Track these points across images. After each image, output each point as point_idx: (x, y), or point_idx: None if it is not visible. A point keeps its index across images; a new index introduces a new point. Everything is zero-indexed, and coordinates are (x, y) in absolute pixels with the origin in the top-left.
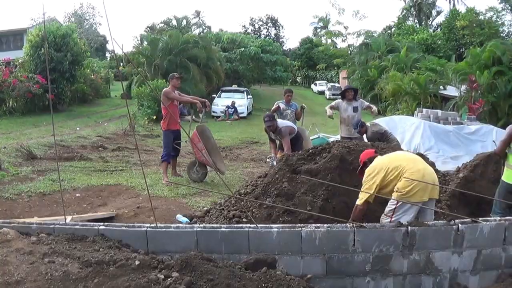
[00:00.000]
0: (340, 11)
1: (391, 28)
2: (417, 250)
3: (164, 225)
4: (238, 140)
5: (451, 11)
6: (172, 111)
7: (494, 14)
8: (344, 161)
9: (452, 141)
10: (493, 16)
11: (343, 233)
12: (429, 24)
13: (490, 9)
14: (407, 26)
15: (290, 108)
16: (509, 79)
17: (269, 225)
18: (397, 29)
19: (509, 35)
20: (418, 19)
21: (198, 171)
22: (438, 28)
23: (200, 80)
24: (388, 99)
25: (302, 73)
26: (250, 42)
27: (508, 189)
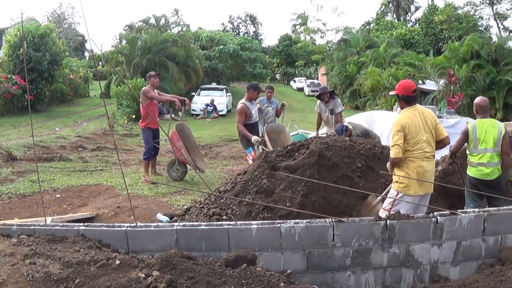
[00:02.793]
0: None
1: (369, 24)
2: (397, 243)
3: (144, 224)
4: (217, 138)
5: (430, 6)
6: (151, 110)
7: (472, 8)
8: (322, 156)
9: None
10: (471, 10)
11: (322, 228)
12: (408, 19)
13: (468, 3)
14: (386, 21)
15: (271, 105)
16: (488, 72)
17: (249, 222)
18: (375, 25)
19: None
20: (397, 15)
21: (177, 169)
22: (416, 23)
23: (179, 78)
24: (367, 94)
25: (281, 70)
26: (229, 40)
27: (471, 181)
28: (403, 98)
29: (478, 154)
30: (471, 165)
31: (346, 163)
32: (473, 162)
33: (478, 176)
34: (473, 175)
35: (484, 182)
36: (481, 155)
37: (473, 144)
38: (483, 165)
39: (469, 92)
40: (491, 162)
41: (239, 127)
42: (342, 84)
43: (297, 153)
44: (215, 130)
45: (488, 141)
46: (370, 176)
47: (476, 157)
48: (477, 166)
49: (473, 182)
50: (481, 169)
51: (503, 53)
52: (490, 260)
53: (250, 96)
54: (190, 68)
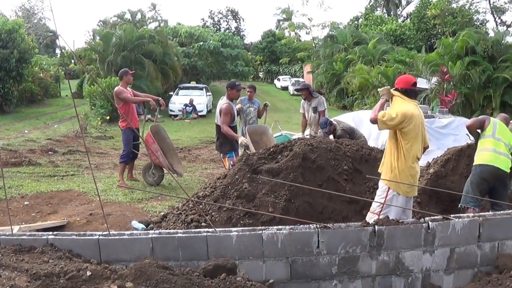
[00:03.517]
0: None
1: (358, 19)
2: (386, 250)
3: (117, 232)
4: (197, 140)
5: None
6: (128, 110)
7: (468, 2)
8: (306, 159)
9: None
10: (466, 4)
11: (307, 235)
12: (398, 14)
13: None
14: (375, 16)
15: (253, 105)
16: (484, 69)
17: (229, 229)
18: (364, 20)
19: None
20: (387, 9)
21: (154, 174)
22: (407, 18)
23: (156, 77)
24: (355, 93)
25: (264, 68)
26: (209, 36)
27: (481, 174)
28: (403, 91)
29: (495, 140)
30: (486, 150)
31: (332, 165)
32: (488, 147)
33: (492, 163)
34: (487, 162)
35: (497, 173)
36: (498, 142)
37: (492, 130)
38: (499, 153)
39: (464, 91)
40: (506, 153)
41: (224, 127)
42: (329, 82)
43: (280, 155)
44: (194, 131)
45: (506, 137)
46: (357, 179)
47: (492, 142)
48: (493, 151)
49: (484, 175)
50: (497, 156)
51: (501, 49)
52: (487, 268)
53: (231, 96)
54: (168, 66)
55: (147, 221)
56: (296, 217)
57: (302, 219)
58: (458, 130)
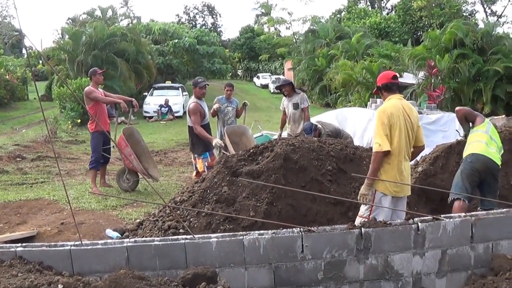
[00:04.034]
0: None
1: (340, 13)
2: (374, 253)
3: (90, 242)
4: (173, 142)
5: None
6: (99, 112)
7: None
8: (288, 160)
9: None
10: None
11: (290, 239)
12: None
13: None
14: (358, 9)
15: (231, 104)
16: (473, 62)
17: (208, 235)
18: (347, 14)
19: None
20: (370, 2)
21: (128, 179)
22: (392, 11)
23: (129, 77)
24: (338, 90)
25: (243, 66)
26: (185, 32)
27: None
28: (383, 86)
29: (488, 136)
30: (478, 141)
31: (315, 166)
32: (481, 139)
33: (485, 153)
34: (480, 152)
35: (489, 163)
36: (490, 140)
37: (486, 128)
38: (490, 147)
39: (452, 85)
40: (497, 150)
41: (197, 128)
42: (311, 79)
43: (261, 156)
44: (170, 133)
45: (498, 139)
46: (342, 180)
47: (485, 137)
48: (485, 144)
49: (476, 165)
50: (488, 148)
51: (491, 41)
52: (481, 270)
53: (196, 94)
54: (141, 65)
55: (122, 229)
56: (278, 220)
57: (285, 222)
58: (447, 127)
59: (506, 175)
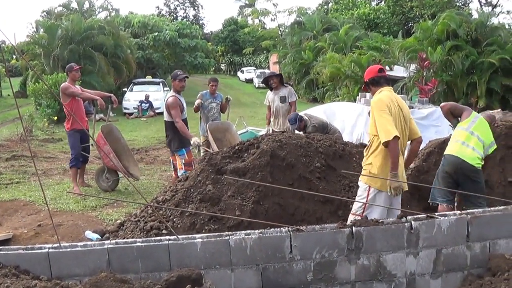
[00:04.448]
0: None
1: (327, 4)
2: (365, 253)
3: (69, 244)
4: (155, 139)
5: None
6: (76, 109)
7: None
8: (275, 157)
9: None
10: None
11: (278, 239)
12: None
13: None
14: (346, 0)
15: (215, 100)
16: (467, 54)
17: (192, 236)
18: (334, 4)
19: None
20: None
21: (108, 178)
22: (382, 1)
23: (108, 72)
24: (326, 84)
25: (226, 59)
26: (165, 25)
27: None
28: (371, 81)
29: (468, 134)
30: (455, 141)
31: (303, 163)
32: (458, 139)
33: (456, 153)
34: (450, 152)
35: (459, 164)
36: (470, 136)
37: (468, 124)
38: (467, 145)
39: (445, 78)
40: (477, 149)
41: (179, 122)
42: (297, 73)
43: (246, 153)
44: (151, 130)
45: (483, 134)
46: (331, 177)
47: (464, 135)
48: (461, 143)
49: (446, 168)
50: (463, 148)
51: (485, 32)
52: (478, 271)
53: (175, 88)
54: (120, 59)
55: (102, 230)
56: (265, 220)
57: (272, 222)
58: (439, 121)
59: (503, 172)
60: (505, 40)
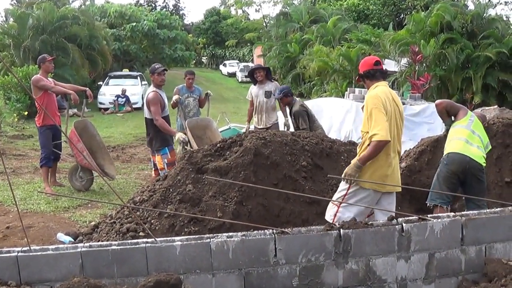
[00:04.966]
0: None
1: None
2: (354, 257)
3: (40, 247)
4: (132, 136)
5: None
6: (48, 103)
7: None
8: (259, 155)
9: None
10: None
11: (262, 242)
12: None
13: None
14: None
15: (193, 94)
16: (462, 47)
17: (171, 238)
18: None
19: None
20: None
21: (81, 177)
22: None
23: (82, 64)
24: (313, 79)
25: (208, 52)
26: (143, 15)
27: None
28: (366, 74)
29: (470, 132)
30: (458, 139)
31: (289, 161)
32: (461, 136)
33: (463, 152)
34: (457, 151)
35: (468, 163)
36: (472, 135)
37: (468, 122)
38: (471, 144)
39: (438, 73)
40: (481, 146)
41: (158, 120)
42: (283, 67)
43: (229, 151)
44: (128, 127)
45: (482, 133)
46: (318, 177)
47: (466, 133)
48: (465, 141)
49: (452, 167)
50: (468, 146)
51: (482, 24)
52: (473, 276)
53: (156, 82)
54: (95, 51)
55: (75, 232)
56: (249, 221)
57: (256, 224)
58: (432, 118)
59: (500, 171)
60: (502, 32)
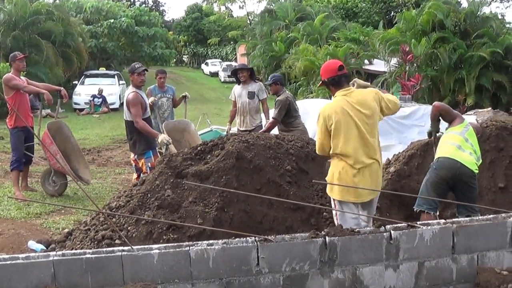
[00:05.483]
0: None
1: None
2: (340, 266)
3: (9, 256)
4: (108, 138)
5: None
6: (20, 103)
7: None
8: (241, 158)
9: (381, 127)
10: None
11: (244, 250)
12: None
13: None
14: None
15: (166, 94)
16: (455, 47)
17: (149, 246)
18: None
19: None
20: None
21: (55, 182)
22: None
23: (57, 62)
24: (299, 79)
25: (189, 50)
26: (121, 11)
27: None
28: (329, 81)
29: (463, 139)
30: (449, 143)
31: (272, 165)
32: (453, 142)
33: (454, 157)
34: (448, 155)
35: (459, 169)
36: (465, 142)
37: (462, 129)
38: (463, 150)
39: (430, 73)
40: (473, 154)
41: (139, 122)
42: (267, 66)
43: (210, 155)
44: (105, 128)
45: (475, 143)
46: (303, 181)
47: (459, 139)
48: (457, 147)
49: (441, 172)
50: (460, 152)
51: (475, 22)
52: (465, 286)
53: (136, 82)
54: (70, 48)
55: (48, 240)
56: (230, 228)
57: (237, 231)
58: (423, 121)
59: (493, 176)
60: (497, 31)
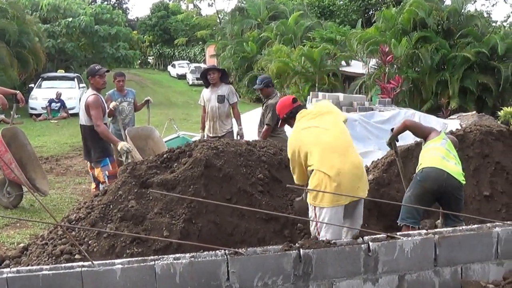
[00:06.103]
0: None
1: None
2: (315, 280)
3: None
4: (67, 146)
5: None
6: None
7: None
8: (210, 167)
9: (359, 133)
10: None
11: (212, 264)
12: None
13: None
14: None
15: (126, 98)
16: (437, 47)
17: (111, 261)
18: None
19: None
20: None
21: (9, 193)
22: None
23: (11, 64)
24: None
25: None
26: (80, 9)
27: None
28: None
29: (446, 149)
30: (434, 154)
31: (243, 174)
32: (437, 153)
33: (440, 166)
34: (433, 165)
35: (446, 180)
36: (448, 153)
37: (442, 141)
38: (448, 160)
39: (411, 75)
40: (458, 164)
41: (100, 126)
42: (238, 68)
43: (177, 163)
44: (63, 135)
45: (457, 155)
46: (276, 191)
47: (442, 150)
48: (441, 157)
49: (426, 184)
50: (446, 162)
51: (460, 21)
52: None
53: (97, 85)
54: (26, 49)
55: (1, 256)
56: (198, 241)
57: (206, 243)
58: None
59: (477, 184)
60: (482, 31)
